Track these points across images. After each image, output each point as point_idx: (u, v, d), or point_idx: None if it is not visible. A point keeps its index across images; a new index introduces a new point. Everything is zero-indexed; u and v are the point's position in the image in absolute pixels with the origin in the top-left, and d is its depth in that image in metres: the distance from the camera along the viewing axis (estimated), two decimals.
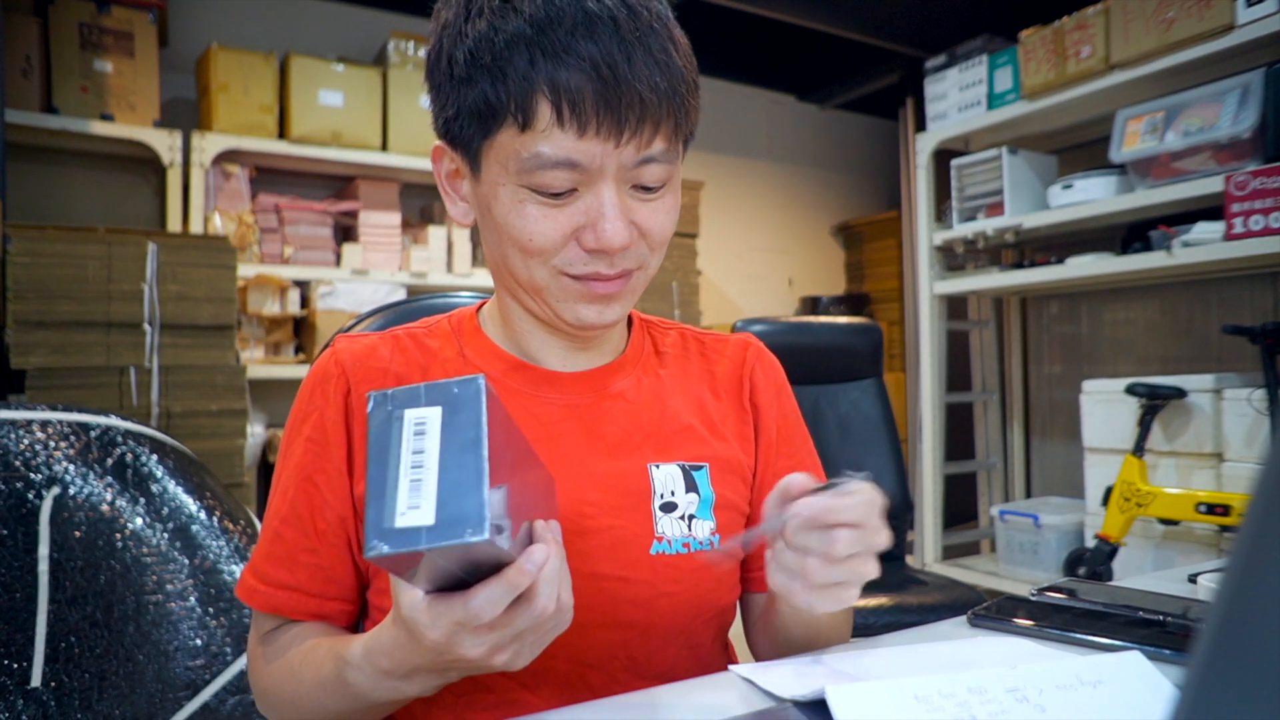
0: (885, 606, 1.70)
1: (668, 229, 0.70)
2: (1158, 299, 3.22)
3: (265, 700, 0.70)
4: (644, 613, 0.71)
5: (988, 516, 3.63)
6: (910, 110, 4.01)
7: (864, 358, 2.11)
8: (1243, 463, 2.44)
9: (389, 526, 0.45)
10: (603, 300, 0.70)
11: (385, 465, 0.47)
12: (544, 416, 0.74)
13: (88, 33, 2.71)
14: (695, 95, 0.69)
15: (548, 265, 0.68)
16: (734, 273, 4.58)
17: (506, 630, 0.51)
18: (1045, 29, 2.91)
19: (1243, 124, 2.39)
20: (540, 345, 0.76)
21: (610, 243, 0.65)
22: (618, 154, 0.64)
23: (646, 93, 0.63)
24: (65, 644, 1.34)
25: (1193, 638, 0.35)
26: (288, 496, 0.71)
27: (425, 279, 3.24)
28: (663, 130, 0.65)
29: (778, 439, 0.82)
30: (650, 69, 0.63)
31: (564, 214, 0.66)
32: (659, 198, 0.69)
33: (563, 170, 0.63)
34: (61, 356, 2.18)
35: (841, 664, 0.65)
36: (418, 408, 0.48)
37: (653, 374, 0.80)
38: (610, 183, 0.65)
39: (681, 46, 0.68)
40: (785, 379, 0.87)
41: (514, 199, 0.66)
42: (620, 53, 0.62)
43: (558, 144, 0.62)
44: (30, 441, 1.44)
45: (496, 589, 0.49)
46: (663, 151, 0.66)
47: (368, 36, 3.49)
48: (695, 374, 0.82)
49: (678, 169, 0.70)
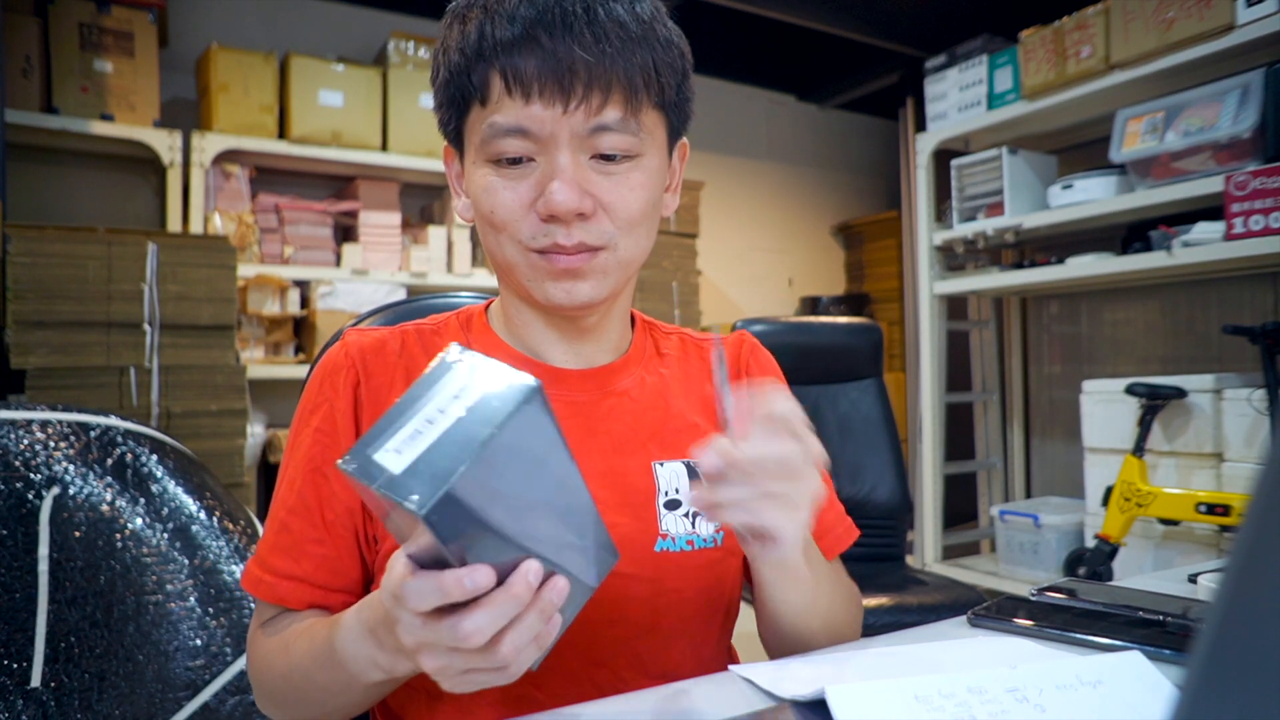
0: (885, 606, 1.70)
1: (634, 206, 0.70)
2: (1158, 299, 3.22)
3: (257, 677, 0.70)
4: (649, 610, 0.71)
5: (988, 516, 3.63)
6: (910, 110, 4.01)
7: (864, 358, 2.11)
8: (1243, 463, 2.44)
9: (367, 454, 0.46)
10: (567, 277, 0.69)
11: (412, 404, 0.47)
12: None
13: (88, 33, 2.71)
14: (666, 66, 0.69)
15: (514, 241, 0.69)
16: (734, 273, 4.58)
17: (431, 634, 0.48)
18: (1045, 29, 2.91)
19: (1243, 124, 2.39)
20: (542, 339, 0.76)
21: (557, 204, 0.65)
22: (567, 120, 0.66)
23: (591, 58, 0.64)
24: (65, 644, 1.34)
25: (1193, 638, 0.35)
26: (295, 487, 0.71)
27: (425, 279, 3.24)
28: (614, 97, 0.66)
29: None
30: (597, 34, 0.65)
31: (523, 184, 0.68)
32: (624, 172, 0.69)
33: (515, 138, 0.66)
34: (61, 356, 2.18)
35: (841, 664, 0.65)
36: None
37: (655, 373, 0.80)
38: (564, 150, 0.66)
39: (650, 13, 0.69)
40: (781, 374, 0.87)
41: (482, 175, 0.69)
42: (561, 19, 0.64)
43: (508, 112, 0.66)
44: (30, 441, 1.44)
45: (426, 583, 0.47)
46: (618, 120, 0.67)
47: (368, 36, 3.49)
48: (696, 374, 0.82)
49: (648, 143, 0.70)
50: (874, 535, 2.04)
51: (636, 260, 0.73)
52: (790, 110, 4.83)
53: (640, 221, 0.71)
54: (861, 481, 2.03)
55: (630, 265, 0.73)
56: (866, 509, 2.03)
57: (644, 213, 0.71)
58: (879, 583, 1.82)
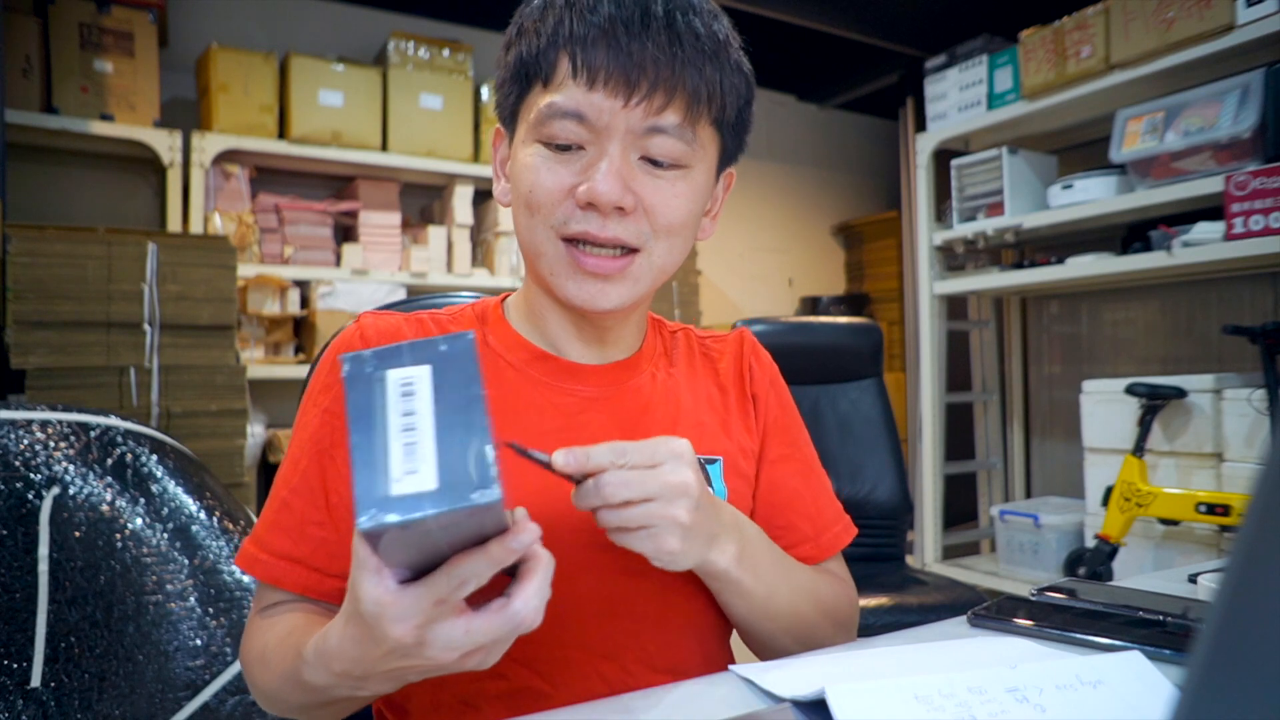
0: (885, 606, 1.70)
1: (675, 214, 0.70)
2: (1158, 299, 3.22)
3: (248, 671, 0.69)
4: (657, 605, 0.71)
5: (988, 516, 3.63)
6: (910, 110, 4.01)
7: (864, 358, 2.11)
8: (1243, 463, 2.44)
9: (384, 494, 0.41)
10: (594, 279, 0.69)
11: (372, 430, 0.42)
12: (565, 407, 0.74)
13: (88, 33, 2.71)
14: (731, 87, 0.71)
15: (547, 226, 0.69)
16: (734, 273, 4.58)
17: (482, 632, 0.47)
18: (1045, 29, 2.91)
19: (1243, 124, 2.39)
20: (560, 333, 0.76)
21: (599, 192, 0.66)
22: (625, 114, 0.66)
23: (662, 57, 0.65)
24: (65, 644, 1.34)
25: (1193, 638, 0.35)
26: (299, 467, 0.69)
27: (425, 279, 3.24)
28: (676, 102, 0.67)
29: (773, 428, 0.83)
30: (673, 39, 0.66)
31: (567, 168, 0.68)
32: (670, 180, 0.69)
33: (571, 121, 0.67)
34: (61, 356, 2.18)
35: (841, 664, 0.65)
36: (402, 367, 0.44)
37: (665, 371, 0.81)
38: (616, 143, 0.67)
39: (725, 36, 0.71)
40: (778, 371, 0.87)
41: (529, 154, 0.69)
42: (640, 19, 0.66)
43: (569, 94, 0.66)
44: (30, 441, 1.44)
45: (462, 571, 0.45)
46: (675, 126, 0.67)
47: (368, 36, 3.49)
48: (702, 373, 0.83)
49: (699, 157, 0.71)
50: (874, 535, 2.04)
51: (668, 270, 0.73)
52: (790, 110, 4.83)
53: (678, 231, 0.71)
54: (861, 481, 2.03)
55: (661, 274, 0.73)
56: (866, 509, 2.03)
57: (684, 223, 0.71)
58: (879, 583, 1.82)
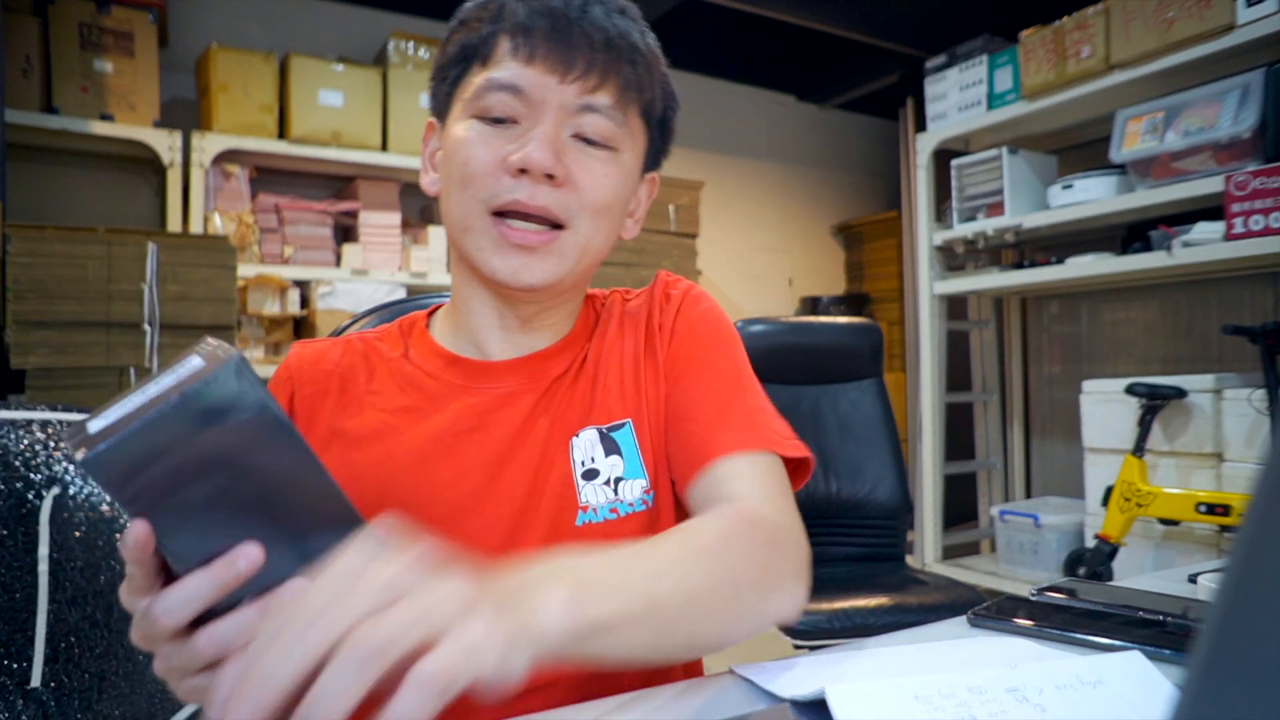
0: (885, 606, 1.70)
1: (601, 193, 0.71)
2: (1158, 299, 3.22)
3: None
4: None
5: (988, 516, 3.63)
6: (910, 110, 4.01)
7: (864, 358, 2.11)
8: (1243, 463, 2.44)
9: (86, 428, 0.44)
10: (520, 251, 0.69)
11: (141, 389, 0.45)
12: (479, 406, 0.75)
13: (88, 33, 2.71)
14: (661, 90, 0.75)
15: (477, 200, 0.70)
16: (734, 273, 4.58)
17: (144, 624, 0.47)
18: (1045, 29, 2.91)
19: (1243, 124, 2.39)
20: (483, 325, 0.77)
21: (533, 158, 0.67)
22: (560, 89, 0.68)
23: (598, 40, 0.69)
24: (65, 644, 1.34)
25: (1193, 638, 0.35)
26: None
27: (425, 279, 3.24)
28: (610, 84, 0.70)
29: (676, 352, 0.77)
30: (606, 27, 0.69)
31: (500, 140, 0.69)
32: (600, 159, 0.71)
33: (507, 94, 0.69)
34: (61, 356, 2.18)
35: (841, 664, 0.65)
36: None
37: (594, 348, 0.78)
38: (550, 117, 0.69)
39: (657, 51, 0.75)
40: (699, 298, 0.81)
41: (463, 130, 0.71)
42: (583, 8, 0.69)
43: (506, 69, 0.69)
44: (30, 441, 1.44)
45: (201, 580, 0.46)
46: (607, 106, 0.70)
47: (368, 36, 3.49)
48: (629, 333, 0.79)
49: (628, 143, 0.73)
50: (874, 535, 2.04)
51: (593, 251, 0.73)
52: (790, 110, 4.83)
53: (604, 213, 0.72)
54: (861, 481, 2.03)
55: (586, 254, 0.73)
56: (866, 509, 2.03)
57: (609, 204, 0.72)
58: (879, 583, 1.82)
